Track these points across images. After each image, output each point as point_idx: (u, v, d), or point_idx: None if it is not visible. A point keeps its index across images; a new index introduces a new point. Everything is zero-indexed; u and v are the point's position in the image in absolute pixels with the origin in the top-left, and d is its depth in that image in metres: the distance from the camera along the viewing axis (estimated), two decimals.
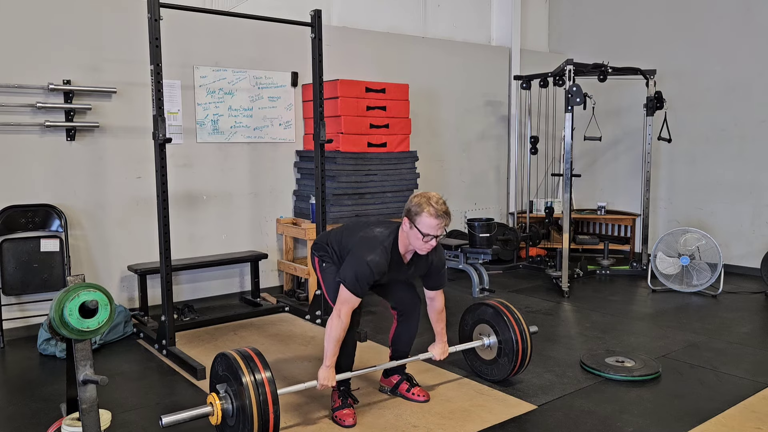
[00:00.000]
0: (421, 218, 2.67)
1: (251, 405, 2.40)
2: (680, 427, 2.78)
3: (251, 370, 2.48)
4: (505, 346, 3.20)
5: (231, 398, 2.51)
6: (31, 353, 3.86)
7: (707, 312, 4.67)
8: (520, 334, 3.16)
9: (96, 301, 2.21)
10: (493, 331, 3.26)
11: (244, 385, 2.43)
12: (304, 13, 4.31)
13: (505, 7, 6.84)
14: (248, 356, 2.53)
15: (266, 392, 2.44)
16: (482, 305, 3.34)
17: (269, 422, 2.43)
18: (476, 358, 3.39)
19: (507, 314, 3.20)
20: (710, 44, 6.05)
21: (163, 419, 2.41)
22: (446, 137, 6.34)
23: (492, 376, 3.30)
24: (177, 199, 4.64)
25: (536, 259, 6.32)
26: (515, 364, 3.17)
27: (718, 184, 6.07)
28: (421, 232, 2.68)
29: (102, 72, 4.36)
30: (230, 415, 2.51)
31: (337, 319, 2.73)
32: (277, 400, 2.46)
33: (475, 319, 3.37)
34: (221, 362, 2.59)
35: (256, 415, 2.40)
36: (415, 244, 2.74)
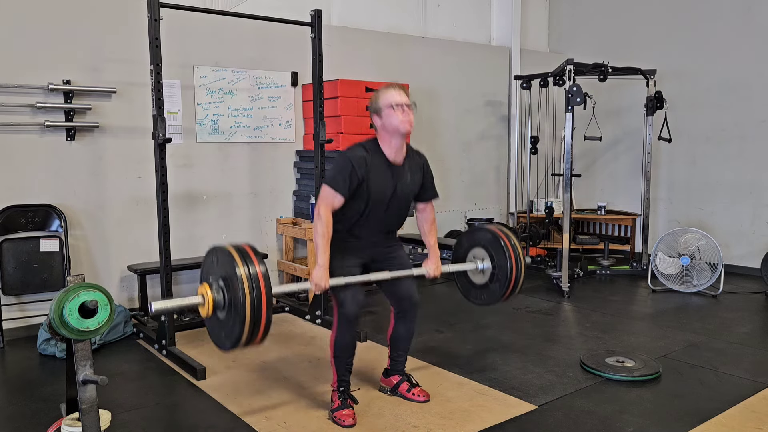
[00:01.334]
0: (383, 98, 2.82)
1: (244, 298, 2.30)
2: (680, 427, 2.78)
3: (246, 263, 2.36)
4: (498, 272, 3.13)
5: (223, 291, 2.40)
6: (31, 353, 3.85)
7: (707, 312, 4.67)
8: (516, 261, 3.09)
9: (96, 301, 2.21)
10: (488, 255, 3.17)
11: (238, 277, 2.32)
12: (304, 13, 4.31)
13: (505, 7, 6.84)
14: (244, 250, 2.42)
15: (260, 287, 2.33)
16: (480, 230, 3.28)
17: (261, 318, 2.34)
18: (467, 282, 3.32)
19: (504, 240, 3.12)
20: (710, 44, 6.04)
21: (153, 305, 2.37)
22: (446, 137, 6.34)
23: (480, 300, 3.27)
24: (177, 199, 4.64)
25: (536, 259, 6.32)
26: (506, 290, 3.12)
27: (718, 184, 6.07)
28: (391, 106, 2.78)
29: (102, 72, 4.36)
30: (221, 307, 2.41)
31: (317, 218, 2.74)
32: (271, 295, 2.38)
33: (471, 242, 3.28)
34: (215, 254, 2.48)
35: (248, 308, 2.30)
36: (394, 123, 2.78)
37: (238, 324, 2.34)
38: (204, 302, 2.44)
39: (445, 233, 6.30)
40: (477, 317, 4.58)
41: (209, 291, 2.45)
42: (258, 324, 2.36)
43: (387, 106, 2.80)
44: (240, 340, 2.37)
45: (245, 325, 2.33)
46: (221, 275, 2.43)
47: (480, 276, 3.24)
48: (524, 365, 3.57)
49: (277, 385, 3.32)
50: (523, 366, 3.56)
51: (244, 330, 2.34)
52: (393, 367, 3.16)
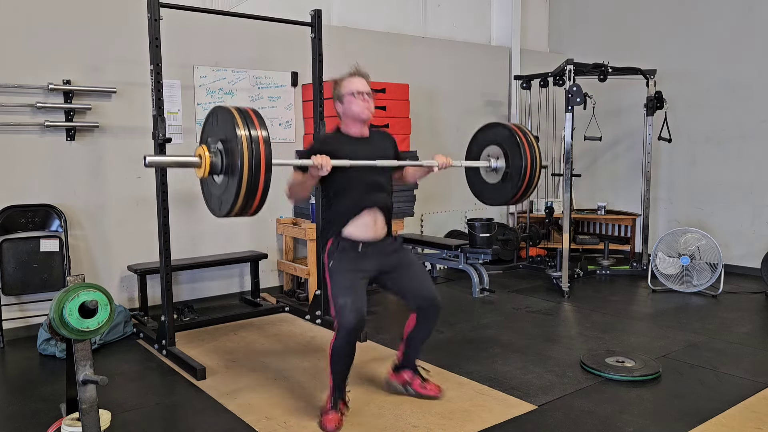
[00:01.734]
0: (345, 86, 2.86)
1: (242, 162, 2.19)
2: (680, 427, 2.78)
3: (247, 126, 2.25)
4: (512, 171, 3.02)
5: (221, 153, 2.31)
6: (31, 353, 3.86)
7: (707, 312, 4.67)
8: (531, 162, 2.97)
9: (96, 301, 2.21)
10: (503, 154, 3.06)
11: (238, 138, 2.21)
12: (304, 13, 4.31)
13: (505, 7, 6.84)
14: (246, 112, 2.32)
15: (260, 151, 2.22)
16: (496, 126, 3.17)
17: (258, 185, 2.25)
18: (480, 181, 3.24)
19: (521, 137, 3.00)
20: (710, 44, 6.04)
21: (147, 158, 2.31)
22: (446, 137, 6.34)
23: (490, 200, 3.21)
24: (177, 199, 4.63)
25: (536, 259, 6.32)
26: (517, 191, 3.02)
27: (718, 184, 6.07)
28: (352, 93, 2.83)
29: (102, 72, 4.36)
30: (218, 171, 2.33)
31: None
32: (271, 161, 2.29)
33: (487, 139, 3.17)
34: (216, 114, 2.39)
35: (246, 173, 2.21)
36: (354, 110, 2.85)
37: (234, 189, 2.25)
38: (200, 163, 2.35)
39: (445, 233, 6.31)
40: (477, 317, 4.59)
41: (207, 152, 2.36)
42: (255, 191, 2.28)
43: (348, 94, 2.86)
44: (234, 208, 2.31)
45: (241, 190, 2.25)
46: (220, 137, 2.34)
47: (493, 175, 3.13)
48: (524, 365, 3.57)
49: (277, 385, 3.32)
50: (523, 366, 3.56)
51: (239, 196, 2.26)
52: (404, 363, 3.13)
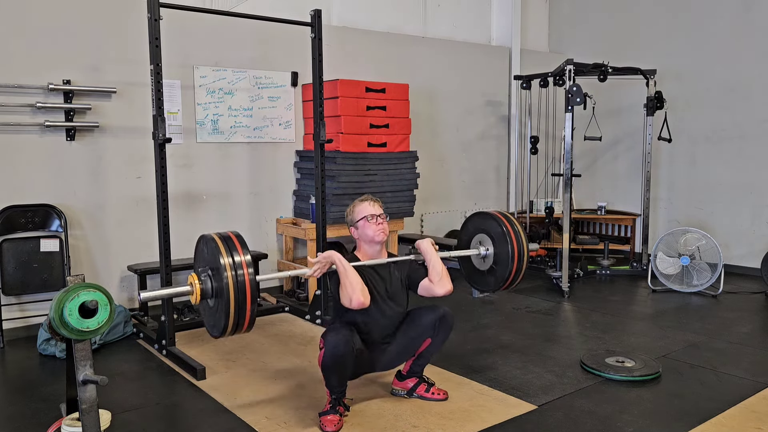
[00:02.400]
0: (356, 211, 2.96)
1: (227, 287, 2.40)
2: (680, 427, 2.78)
3: (230, 252, 2.46)
4: (500, 258, 3.15)
5: (210, 280, 2.50)
6: (31, 353, 3.85)
7: (707, 312, 4.67)
8: (518, 249, 3.10)
9: (96, 301, 2.21)
10: (492, 242, 3.20)
11: (222, 266, 2.42)
12: (304, 13, 4.31)
13: (505, 7, 6.84)
14: (229, 239, 2.52)
15: (244, 274, 2.43)
16: (485, 215, 3.30)
17: (246, 305, 2.42)
18: (471, 268, 3.37)
19: (507, 227, 3.14)
20: (710, 44, 6.04)
21: (141, 294, 2.46)
22: (446, 137, 6.34)
23: (483, 286, 3.33)
24: (177, 199, 4.64)
25: (536, 259, 6.32)
26: (507, 278, 3.15)
27: (718, 184, 6.07)
28: (365, 218, 2.92)
29: (102, 72, 4.36)
30: (209, 296, 2.51)
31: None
32: (256, 282, 2.48)
33: (476, 227, 3.32)
34: (203, 243, 2.58)
35: (232, 297, 2.40)
36: (369, 234, 2.92)
37: (224, 312, 2.43)
38: (192, 291, 2.52)
39: (445, 233, 6.31)
40: (477, 317, 4.58)
41: (197, 280, 2.53)
42: (243, 312, 2.44)
43: (362, 218, 2.94)
44: (227, 328, 2.47)
45: (230, 313, 2.42)
46: (207, 264, 2.53)
47: (484, 262, 3.26)
48: (524, 365, 3.57)
49: (277, 385, 3.32)
50: (523, 366, 3.56)
51: (230, 318, 2.43)
52: (411, 373, 3.14)
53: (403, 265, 3.07)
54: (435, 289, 2.98)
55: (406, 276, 3.06)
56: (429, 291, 3.01)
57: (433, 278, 2.98)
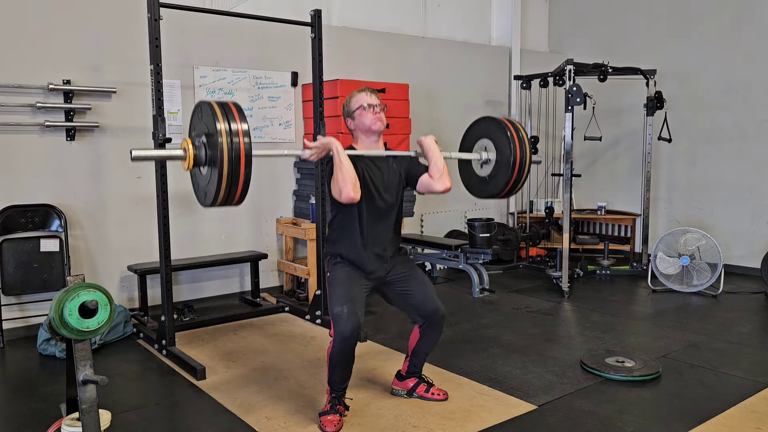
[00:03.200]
0: (353, 101, 2.93)
1: (222, 155, 2.32)
2: (680, 427, 2.78)
3: (227, 119, 2.37)
4: (502, 164, 3.05)
5: (204, 147, 2.42)
6: (31, 353, 3.86)
7: (707, 312, 4.67)
8: (521, 157, 3.00)
9: (96, 301, 2.21)
10: (495, 147, 3.10)
11: (218, 132, 2.33)
12: (304, 13, 4.31)
13: (505, 7, 6.84)
14: (226, 106, 2.42)
15: (239, 142, 2.34)
16: (489, 120, 3.20)
17: (239, 175, 2.35)
18: (471, 174, 3.28)
19: (512, 132, 3.03)
20: (710, 44, 6.04)
21: (133, 152, 2.39)
22: (446, 137, 6.30)
23: (482, 193, 3.23)
24: (177, 199, 4.63)
25: (536, 259, 6.32)
26: (507, 184, 3.05)
27: (718, 184, 6.07)
28: (362, 107, 2.88)
29: (102, 72, 4.36)
30: (202, 163, 2.44)
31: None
32: (251, 152, 2.39)
33: (480, 132, 3.22)
34: (200, 109, 2.50)
35: (226, 165, 2.32)
36: (366, 122, 2.88)
37: (216, 180, 2.35)
38: (185, 156, 2.45)
39: (445, 233, 6.31)
40: (477, 317, 4.59)
41: (191, 146, 2.46)
42: (236, 182, 2.36)
43: (358, 108, 2.89)
44: (218, 198, 2.40)
45: (223, 181, 2.35)
46: (203, 130, 2.44)
47: (484, 168, 3.17)
48: (524, 365, 3.57)
49: (277, 385, 3.32)
50: (523, 366, 3.56)
51: (222, 187, 2.36)
52: (410, 373, 3.13)
53: (402, 160, 3.01)
54: (435, 185, 2.90)
55: (406, 171, 2.99)
56: (428, 187, 2.94)
57: (433, 174, 2.90)
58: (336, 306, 2.73)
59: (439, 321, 2.94)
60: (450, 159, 3.06)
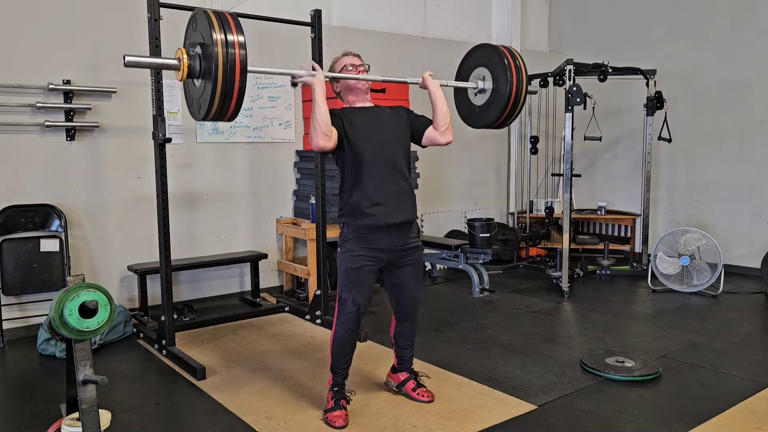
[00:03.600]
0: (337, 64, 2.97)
1: (217, 65, 2.26)
2: (680, 427, 2.78)
3: (224, 30, 2.30)
4: (497, 93, 3.04)
5: (199, 58, 2.37)
6: (31, 353, 3.86)
7: (707, 312, 4.67)
8: (517, 85, 2.99)
9: (96, 301, 2.21)
10: (491, 76, 3.09)
11: (214, 42, 2.26)
12: (304, 13, 4.31)
13: (505, 7, 6.84)
14: (223, 16, 2.36)
15: (235, 54, 2.28)
16: (486, 47, 3.18)
17: (234, 87, 2.31)
18: (466, 101, 3.26)
19: (510, 60, 3.01)
20: (710, 44, 6.04)
21: (126, 58, 2.36)
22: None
23: (476, 122, 3.23)
24: (177, 199, 4.64)
25: (536, 259, 6.32)
26: (502, 113, 3.05)
27: (718, 184, 6.07)
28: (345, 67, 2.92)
29: (102, 72, 4.36)
30: (196, 74, 2.39)
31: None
32: (246, 64, 2.35)
33: (477, 61, 3.20)
34: (195, 19, 2.45)
35: (221, 76, 2.27)
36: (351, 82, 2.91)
37: (210, 92, 2.31)
38: (179, 66, 2.40)
39: (445, 233, 6.31)
40: (477, 317, 4.59)
41: (185, 56, 2.41)
42: (230, 94, 2.33)
43: (342, 68, 2.92)
44: (211, 110, 2.37)
45: (216, 93, 2.31)
46: (198, 41, 2.40)
47: (480, 96, 3.16)
48: (524, 365, 3.57)
49: (277, 385, 3.32)
50: (523, 366, 3.56)
51: (215, 99, 2.32)
52: (401, 366, 3.16)
53: (399, 111, 3.00)
54: (439, 138, 2.92)
55: (408, 124, 2.97)
56: (433, 140, 2.93)
57: (439, 126, 2.91)
58: (344, 291, 2.82)
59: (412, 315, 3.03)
60: (446, 87, 3.08)
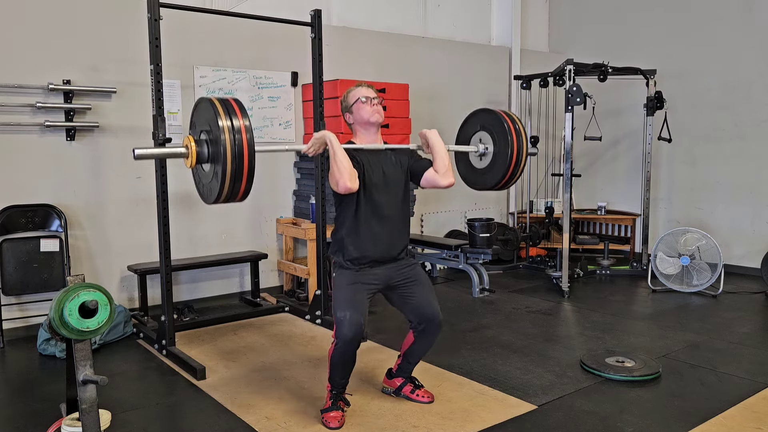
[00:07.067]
0: (351, 95, 2.94)
1: (225, 151, 2.31)
2: (680, 427, 2.78)
3: (229, 116, 2.37)
4: (499, 157, 3.09)
5: (207, 144, 2.42)
6: (31, 353, 3.86)
7: (707, 312, 4.67)
8: (518, 149, 3.04)
9: (96, 301, 2.21)
10: (492, 140, 3.14)
11: (220, 129, 2.33)
12: (304, 13, 4.31)
13: (505, 7, 6.84)
14: (228, 103, 2.43)
15: (242, 139, 2.34)
16: (486, 112, 3.23)
17: (243, 170, 2.36)
18: (467, 164, 3.33)
19: (509, 126, 3.06)
20: (710, 44, 6.04)
21: (136, 151, 2.40)
22: (446, 137, 6.27)
23: (477, 184, 3.28)
24: (177, 199, 4.64)
25: (536, 259, 6.32)
26: (504, 176, 3.11)
27: (718, 184, 6.07)
28: (359, 100, 2.89)
29: (102, 72, 4.36)
30: (204, 160, 2.44)
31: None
32: (254, 148, 2.39)
33: (477, 125, 3.26)
34: (201, 105, 2.51)
35: (229, 161, 2.32)
36: (364, 115, 2.89)
37: (220, 177, 2.36)
38: (187, 153, 2.45)
39: (445, 233, 6.31)
40: (477, 317, 4.59)
41: (193, 143, 2.46)
42: (240, 178, 2.37)
43: (356, 101, 2.91)
44: (222, 194, 2.41)
45: (227, 177, 2.35)
46: (204, 127, 2.45)
47: (481, 160, 3.21)
48: (524, 365, 3.57)
49: (277, 385, 3.32)
50: (523, 366, 3.56)
51: (226, 183, 2.37)
52: (399, 372, 3.13)
53: (402, 153, 3.00)
54: (440, 180, 2.90)
55: (408, 166, 2.98)
56: (433, 182, 2.93)
57: (439, 168, 2.90)
58: (339, 311, 2.77)
59: (434, 329, 2.92)
60: (448, 151, 3.07)
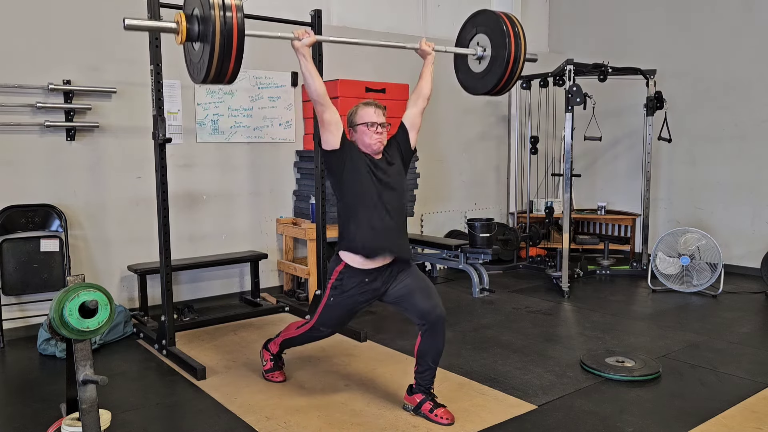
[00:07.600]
0: (359, 114, 2.91)
1: (214, 29, 2.30)
2: (680, 427, 2.78)
3: None
4: (497, 59, 3.06)
5: (198, 21, 2.41)
6: (31, 353, 3.86)
7: (707, 312, 4.67)
8: (515, 51, 3.03)
9: (96, 301, 2.21)
10: (491, 43, 3.10)
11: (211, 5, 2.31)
12: (304, 13, 4.31)
13: (505, 7, 6.82)
14: None
15: (233, 17, 2.33)
16: (486, 13, 3.19)
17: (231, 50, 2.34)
18: (465, 68, 3.30)
19: (508, 27, 3.03)
20: (710, 44, 6.04)
21: (126, 20, 2.40)
22: (446, 137, 6.34)
23: (475, 89, 3.28)
24: (177, 199, 4.64)
25: (536, 259, 6.32)
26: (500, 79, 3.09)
27: (718, 184, 6.07)
28: (366, 124, 2.87)
29: (102, 72, 4.36)
30: (194, 38, 2.43)
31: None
32: (243, 28, 2.37)
33: (477, 27, 3.22)
34: None
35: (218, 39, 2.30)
36: (366, 141, 2.89)
37: (208, 55, 2.35)
38: (178, 29, 2.44)
39: (445, 233, 6.30)
40: (477, 317, 4.59)
41: (184, 19, 2.45)
42: (228, 56, 2.36)
43: (362, 124, 2.89)
44: (210, 73, 2.41)
45: (215, 56, 2.34)
46: (196, 4, 2.43)
47: (479, 63, 3.20)
48: (524, 365, 3.57)
49: (277, 385, 3.32)
50: (523, 366, 3.56)
51: (213, 62, 2.36)
52: (418, 385, 2.94)
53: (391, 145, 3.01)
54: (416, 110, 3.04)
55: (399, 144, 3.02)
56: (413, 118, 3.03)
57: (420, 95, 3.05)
58: (323, 326, 3.08)
59: (437, 322, 2.84)
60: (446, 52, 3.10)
